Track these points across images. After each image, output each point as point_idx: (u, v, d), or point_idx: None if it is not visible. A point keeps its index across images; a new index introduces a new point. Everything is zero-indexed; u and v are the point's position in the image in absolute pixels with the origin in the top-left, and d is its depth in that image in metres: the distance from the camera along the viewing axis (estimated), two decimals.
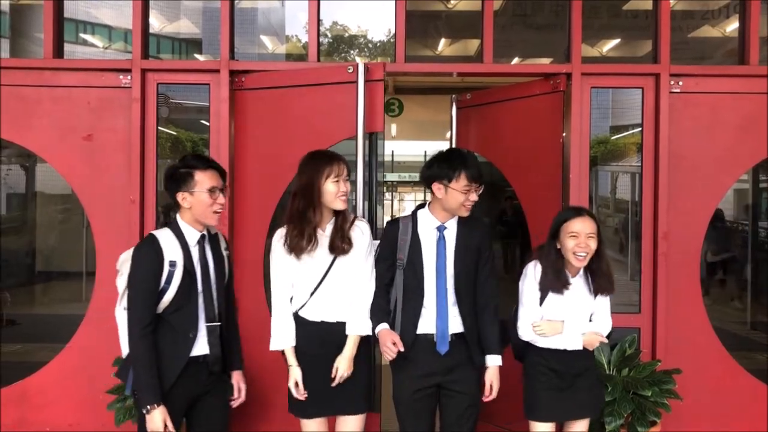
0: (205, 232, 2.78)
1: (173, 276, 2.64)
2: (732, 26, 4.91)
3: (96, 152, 3.92)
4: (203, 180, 2.69)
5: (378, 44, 8.63)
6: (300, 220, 2.85)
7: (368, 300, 2.92)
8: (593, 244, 2.91)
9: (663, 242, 3.88)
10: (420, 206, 3.05)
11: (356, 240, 2.93)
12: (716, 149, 3.97)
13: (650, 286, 3.94)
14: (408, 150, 17.08)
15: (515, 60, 6.40)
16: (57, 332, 4.09)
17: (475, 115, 4.50)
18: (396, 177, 21.42)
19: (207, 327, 2.73)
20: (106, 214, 3.91)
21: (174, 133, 5.24)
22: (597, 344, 3.00)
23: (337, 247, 2.87)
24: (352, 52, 8.73)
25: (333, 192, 2.84)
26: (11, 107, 3.91)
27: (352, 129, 3.59)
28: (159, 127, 3.96)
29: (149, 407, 2.58)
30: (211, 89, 3.92)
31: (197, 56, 7.75)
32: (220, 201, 2.73)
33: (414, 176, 20.82)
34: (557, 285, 2.93)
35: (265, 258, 3.68)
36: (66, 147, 3.93)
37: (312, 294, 2.91)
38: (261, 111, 3.92)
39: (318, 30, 4.08)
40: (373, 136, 3.72)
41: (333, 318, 2.92)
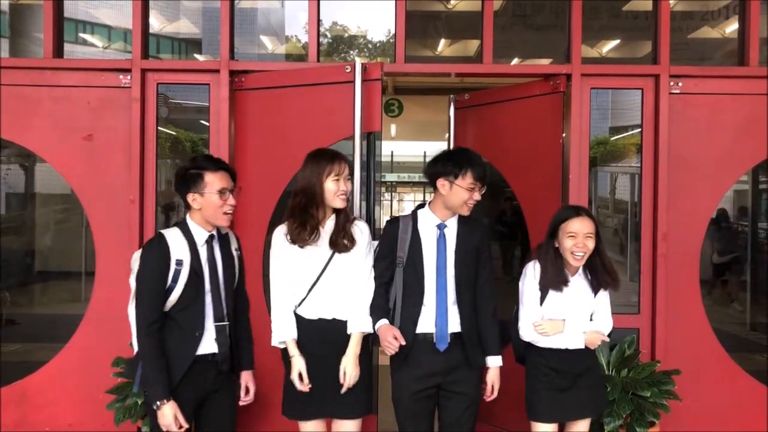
0: (214, 232, 2.79)
1: (180, 275, 2.65)
2: (732, 27, 4.91)
3: (96, 152, 3.92)
4: (213, 181, 2.70)
5: (378, 44, 8.63)
6: (301, 215, 2.86)
7: (368, 298, 2.92)
8: (591, 244, 2.92)
9: (662, 243, 3.89)
10: (419, 206, 3.06)
11: (356, 238, 2.94)
12: (716, 150, 3.97)
13: (649, 287, 3.94)
14: (407, 150, 17.06)
15: (515, 60, 6.40)
16: (56, 332, 4.09)
17: (474, 116, 4.50)
18: (395, 177, 21.40)
19: (215, 326, 2.74)
20: (106, 214, 3.90)
21: (173, 133, 5.24)
22: (598, 343, 3.00)
23: (339, 244, 2.88)
24: (352, 53, 8.73)
25: (333, 190, 2.85)
26: (11, 107, 3.91)
27: (351, 129, 3.59)
28: (159, 127, 3.96)
29: (159, 403, 2.59)
30: (211, 89, 3.92)
31: (197, 56, 7.75)
32: (231, 202, 2.73)
33: (413, 177, 20.83)
34: (556, 282, 2.94)
35: (264, 258, 3.67)
36: (66, 147, 3.93)
37: (309, 291, 2.91)
38: (261, 111, 3.92)
39: (318, 30, 4.08)
40: (372, 136, 3.72)
41: (330, 315, 2.91)
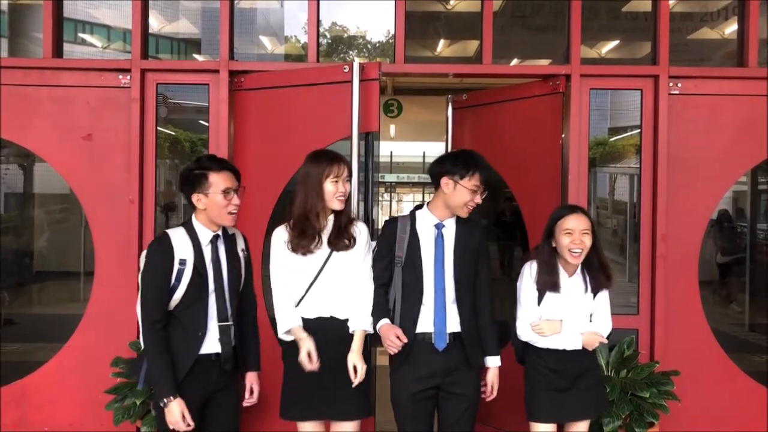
0: (220, 232, 2.80)
1: (183, 274, 2.67)
2: (731, 28, 4.92)
3: (95, 152, 3.92)
4: (218, 181, 2.71)
5: (377, 45, 8.63)
6: (301, 220, 2.86)
7: (369, 297, 2.92)
8: (588, 241, 2.92)
9: (661, 244, 3.89)
10: (418, 207, 3.06)
11: (355, 238, 2.94)
12: (715, 151, 3.97)
13: (648, 288, 3.94)
14: (407, 151, 17.05)
15: (514, 61, 6.40)
16: (55, 332, 4.09)
17: (472, 116, 4.49)
18: (395, 178, 21.40)
19: (219, 326, 2.75)
20: (105, 214, 3.90)
21: (173, 134, 5.23)
22: (596, 344, 2.99)
23: (339, 243, 2.88)
24: (351, 53, 8.73)
25: (331, 192, 2.85)
26: (10, 107, 3.91)
27: (349, 129, 3.58)
28: (158, 128, 3.96)
29: (165, 400, 2.60)
30: (211, 89, 3.93)
31: (196, 56, 7.75)
32: (235, 202, 2.75)
33: (412, 177, 20.83)
34: (548, 283, 2.95)
35: (264, 258, 3.67)
36: (65, 147, 3.93)
37: (308, 290, 2.91)
38: (260, 111, 3.92)
39: (317, 30, 4.08)
40: (370, 136, 3.71)
41: (328, 313, 2.91)
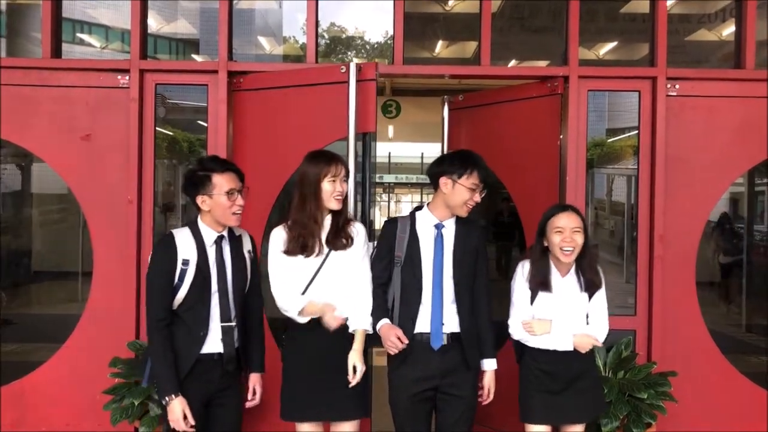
0: (225, 233, 2.82)
1: (185, 274, 2.69)
2: (728, 30, 4.92)
3: (94, 152, 3.93)
4: (221, 183, 2.73)
5: (376, 46, 8.63)
6: (299, 220, 2.86)
7: (368, 297, 2.92)
8: (579, 239, 2.90)
9: (659, 245, 3.90)
10: (417, 208, 3.07)
11: (353, 237, 2.94)
12: (712, 152, 3.99)
13: (646, 289, 3.95)
14: (405, 152, 17.08)
15: (512, 62, 6.41)
16: (53, 332, 4.08)
17: (469, 117, 4.50)
18: (393, 178, 21.44)
19: (222, 327, 2.76)
20: (104, 214, 3.91)
21: (171, 134, 5.23)
22: (589, 347, 2.94)
23: (337, 243, 2.88)
24: (350, 54, 8.73)
25: (329, 191, 2.85)
26: (9, 107, 3.91)
27: (346, 129, 3.58)
28: (156, 128, 3.96)
29: (167, 398, 2.63)
30: (209, 90, 3.93)
31: (194, 57, 7.74)
32: (239, 203, 2.77)
33: (411, 178, 20.85)
34: (538, 283, 2.95)
35: (262, 258, 3.67)
36: (64, 147, 3.93)
37: (306, 289, 2.91)
38: (258, 112, 3.93)
39: (316, 31, 4.08)
40: (367, 137, 3.71)
41: None
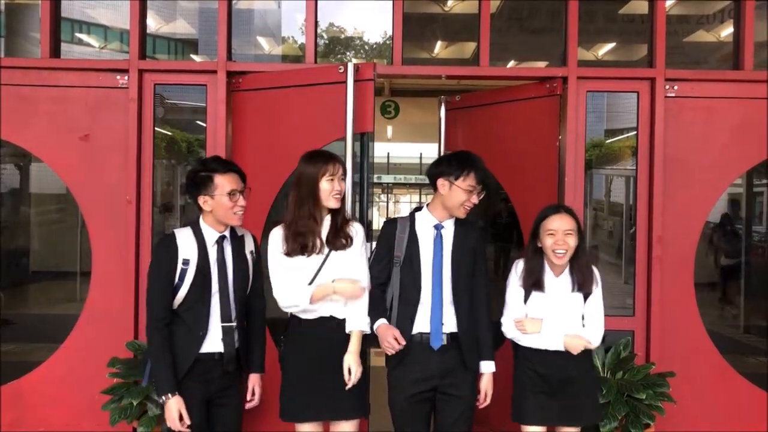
0: (227, 233, 2.82)
1: (186, 274, 2.70)
2: (727, 31, 4.92)
3: (93, 152, 3.92)
4: (223, 183, 2.74)
5: (374, 46, 8.64)
6: (298, 220, 2.86)
7: (366, 297, 2.91)
8: (572, 242, 2.89)
9: (657, 245, 3.90)
10: (417, 209, 3.08)
11: (352, 237, 2.94)
12: (711, 153, 3.99)
13: (644, 289, 3.96)
14: (404, 152, 17.09)
15: (511, 63, 6.41)
16: (52, 332, 4.08)
17: (466, 118, 4.49)
18: (392, 179, 21.46)
19: (222, 327, 2.76)
20: (103, 215, 3.91)
21: (169, 134, 5.23)
22: (580, 348, 2.89)
23: (336, 243, 2.88)
24: (349, 54, 8.73)
25: (327, 190, 2.85)
26: (8, 107, 3.90)
27: (344, 129, 3.58)
28: (155, 128, 3.96)
29: (164, 398, 2.65)
30: (208, 90, 3.93)
31: (193, 57, 7.74)
32: (241, 203, 2.77)
33: (409, 178, 20.86)
34: (529, 283, 2.95)
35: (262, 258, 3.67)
36: (63, 147, 3.93)
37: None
38: (257, 112, 3.92)
39: (315, 32, 4.08)
40: (365, 137, 3.70)
41: (327, 312, 2.90)
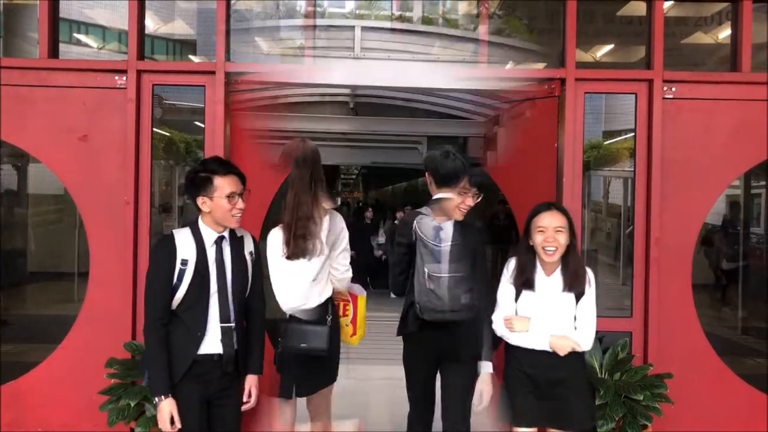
0: (225, 234, 2.81)
1: (184, 274, 2.69)
2: (724, 33, 4.94)
3: (91, 153, 3.91)
4: (223, 185, 2.73)
5: None
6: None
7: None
8: (562, 239, 2.87)
9: (655, 247, 3.90)
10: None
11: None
12: (709, 155, 3.99)
13: (642, 291, 3.95)
14: None
15: (509, 64, 6.42)
16: (49, 333, 4.07)
17: None
18: None
19: (221, 327, 2.76)
20: (101, 215, 3.89)
21: (168, 134, 5.23)
22: (567, 349, 2.87)
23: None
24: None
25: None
26: (6, 107, 3.89)
27: None
28: (153, 128, 3.95)
29: (157, 399, 2.64)
30: (207, 91, 3.92)
31: (191, 57, 7.74)
32: (239, 206, 2.77)
33: None
34: (520, 282, 2.95)
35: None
36: (61, 147, 3.92)
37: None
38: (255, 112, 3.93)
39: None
40: None
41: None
